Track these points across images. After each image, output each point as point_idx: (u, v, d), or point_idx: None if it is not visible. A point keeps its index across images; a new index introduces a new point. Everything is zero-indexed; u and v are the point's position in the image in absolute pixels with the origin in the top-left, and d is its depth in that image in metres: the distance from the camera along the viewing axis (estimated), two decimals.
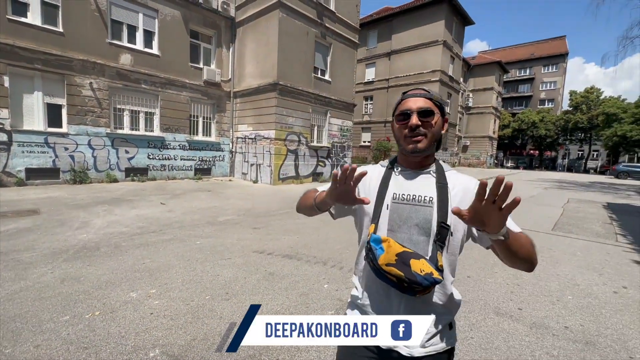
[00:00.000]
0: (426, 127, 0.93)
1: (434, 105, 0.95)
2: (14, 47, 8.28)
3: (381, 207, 0.96)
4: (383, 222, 0.96)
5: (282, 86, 11.49)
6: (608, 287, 3.45)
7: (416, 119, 0.92)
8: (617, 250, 4.92)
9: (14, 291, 2.77)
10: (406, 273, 0.81)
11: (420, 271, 0.81)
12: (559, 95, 49.53)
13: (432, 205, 0.93)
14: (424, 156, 0.98)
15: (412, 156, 0.97)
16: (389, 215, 0.95)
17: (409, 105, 0.95)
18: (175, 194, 8.62)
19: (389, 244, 0.86)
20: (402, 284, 0.83)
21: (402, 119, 0.95)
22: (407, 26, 23.37)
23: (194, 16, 12.01)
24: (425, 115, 0.93)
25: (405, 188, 0.97)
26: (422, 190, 0.95)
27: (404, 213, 0.94)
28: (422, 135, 0.93)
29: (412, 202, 0.95)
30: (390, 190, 0.98)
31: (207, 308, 2.65)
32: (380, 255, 0.85)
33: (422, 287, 0.81)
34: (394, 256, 0.84)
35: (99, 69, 9.81)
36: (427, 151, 0.96)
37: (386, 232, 0.95)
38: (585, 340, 2.40)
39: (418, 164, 1.00)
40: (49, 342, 2.09)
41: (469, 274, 3.68)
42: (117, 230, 4.85)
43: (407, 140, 0.95)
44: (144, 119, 11.16)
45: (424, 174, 0.99)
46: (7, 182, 8.36)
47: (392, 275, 0.83)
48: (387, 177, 1.01)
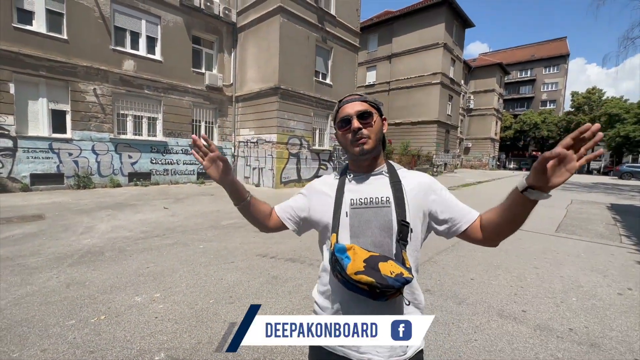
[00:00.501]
0: (367, 128, 0.95)
1: (370, 106, 0.97)
2: (19, 54, 8.41)
3: (339, 215, 0.95)
4: (344, 230, 0.95)
5: (283, 90, 11.56)
6: (612, 289, 3.43)
7: (357, 122, 0.94)
8: (622, 252, 4.89)
9: (21, 296, 2.79)
10: (377, 278, 0.79)
11: (391, 273, 0.80)
12: (560, 96, 49.43)
13: (389, 205, 0.93)
14: (373, 157, 1.00)
15: (362, 159, 0.98)
16: (349, 222, 0.95)
17: (347, 111, 0.97)
18: (178, 198, 8.67)
19: (355, 251, 0.85)
20: (374, 290, 0.80)
21: (344, 125, 0.97)
22: (408, 29, 23.48)
23: (196, 22, 12.14)
24: (365, 117, 0.95)
25: (361, 192, 0.97)
26: (377, 192, 0.96)
27: (364, 217, 0.94)
28: (365, 137, 0.95)
29: (370, 204, 0.95)
30: (347, 196, 0.98)
31: (211, 312, 2.67)
32: (347, 265, 0.82)
33: (394, 289, 0.80)
34: (362, 263, 0.82)
35: (102, 75, 9.92)
36: (374, 152, 0.98)
37: (349, 239, 0.94)
38: (590, 342, 2.39)
39: (369, 167, 1.01)
40: (56, 346, 2.11)
41: (472, 276, 3.68)
42: (121, 234, 4.88)
43: (353, 145, 0.96)
44: (147, 124, 11.26)
45: (377, 175, 1.00)
46: (12, 188, 8.44)
47: (363, 284, 0.80)
48: (342, 185, 1.00)
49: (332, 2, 13.40)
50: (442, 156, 24.70)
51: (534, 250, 4.77)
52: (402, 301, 0.90)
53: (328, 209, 0.98)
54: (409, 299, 0.93)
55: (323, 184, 1.07)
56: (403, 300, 0.90)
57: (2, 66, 8.22)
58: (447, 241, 5.06)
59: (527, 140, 46.10)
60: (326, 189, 1.04)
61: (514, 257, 4.44)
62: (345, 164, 1.09)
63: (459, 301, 3.02)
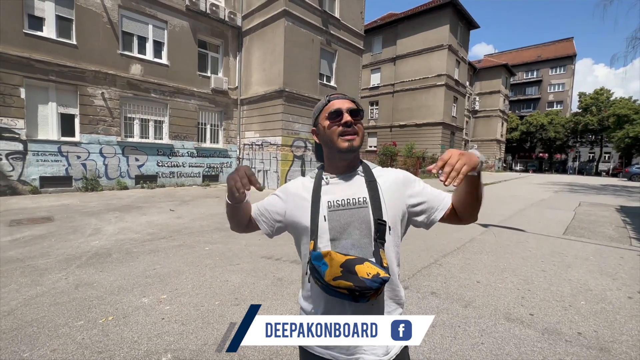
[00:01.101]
0: (357, 126, 0.96)
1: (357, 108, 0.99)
2: (30, 60, 8.59)
3: (317, 220, 0.94)
4: (324, 234, 0.93)
5: (288, 93, 11.63)
6: (622, 292, 3.37)
7: (349, 116, 0.94)
8: (632, 255, 4.81)
9: (30, 297, 2.84)
10: (354, 281, 0.80)
11: (367, 275, 0.80)
12: (567, 97, 48.90)
13: (367, 205, 0.93)
14: (353, 157, 0.99)
15: (346, 156, 0.97)
16: (329, 225, 0.93)
17: (339, 105, 0.97)
18: (184, 200, 8.74)
19: (331, 256, 0.84)
20: (353, 294, 0.81)
21: (335, 117, 0.96)
22: (412, 31, 23.49)
23: (201, 26, 12.29)
24: (355, 115, 0.96)
25: (338, 194, 0.96)
26: (355, 192, 0.95)
27: (343, 219, 0.93)
28: (355, 133, 0.95)
29: (348, 206, 0.94)
30: (324, 199, 0.95)
31: (217, 313, 2.68)
32: (325, 272, 0.83)
33: (372, 290, 0.80)
34: (339, 268, 0.82)
35: (110, 79, 10.08)
36: (358, 150, 0.98)
37: (329, 243, 0.92)
38: (600, 347, 2.35)
39: (346, 167, 1.00)
40: (65, 347, 2.14)
41: (479, 279, 3.65)
42: (128, 236, 4.94)
43: (342, 139, 0.94)
44: (154, 127, 11.40)
45: (353, 176, 1.00)
46: (22, 190, 8.60)
47: (342, 288, 0.81)
48: (318, 188, 0.98)
49: (336, 5, 13.47)
50: None
51: (541, 253, 4.71)
52: (383, 300, 0.92)
53: (305, 213, 0.96)
54: (390, 296, 0.93)
55: (299, 187, 1.03)
56: (384, 300, 0.91)
57: (14, 71, 8.40)
58: (453, 244, 5.05)
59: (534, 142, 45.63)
60: (303, 192, 1.00)
61: (521, 259, 4.39)
62: (320, 165, 1.07)
63: (465, 304, 3.00)
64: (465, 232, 5.81)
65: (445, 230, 5.92)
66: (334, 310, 0.91)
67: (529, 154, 49.48)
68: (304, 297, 1.01)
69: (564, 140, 43.19)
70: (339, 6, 13.54)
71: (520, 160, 49.69)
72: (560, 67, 49.04)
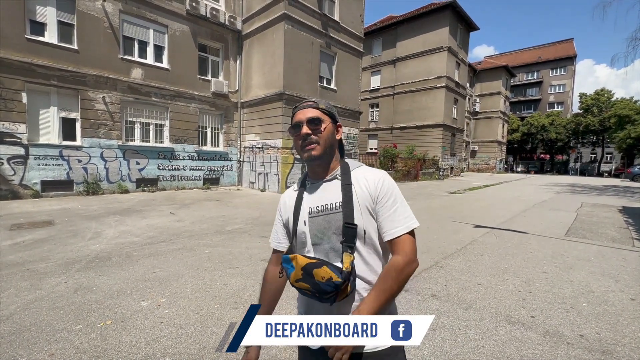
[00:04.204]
0: (317, 134, 0.96)
1: (322, 113, 0.98)
2: (32, 64, 8.65)
3: (296, 227, 1.00)
4: (306, 239, 0.99)
5: (288, 96, 11.66)
6: (625, 294, 3.34)
7: (306, 128, 0.96)
8: (634, 256, 4.77)
9: (30, 301, 2.84)
10: (311, 284, 0.85)
11: (322, 278, 0.84)
12: (568, 98, 48.87)
13: (341, 210, 0.94)
14: (326, 163, 1.01)
15: (311, 164, 1.00)
16: (309, 231, 0.98)
17: (299, 118, 0.98)
18: (185, 203, 8.75)
19: (297, 260, 0.90)
20: (314, 295, 0.87)
21: (295, 132, 0.99)
22: (412, 33, 23.57)
23: (202, 30, 12.36)
24: (315, 124, 0.96)
25: (317, 200, 0.99)
26: (331, 198, 0.97)
27: (321, 225, 0.96)
28: (314, 143, 0.96)
29: (325, 212, 0.97)
30: (306, 206, 1.01)
31: (216, 317, 2.67)
32: (290, 274, 0.91)
33: (328, 293, 0.84)
34: (300, 271, 0.88)
35: (111, 83, 10.13)
36: (324, 157, 0.98)
37: (311, 247, 0.98)
38: (602, 349, 2.33)
39: (324, 173, 1.02)
40: (63, 351, 2.13)
41: (479, 280, 3.62)
42: (128, 240, 4.94)
43: (303, 150, 0.98)
44: (154, 131, 11.44)
45: (331, 181, 1.01)
46: (23, 195, 8.62)
47: (305, 290, 0.88)
48: (300, 196, 1.04)
49: (335, 8, 13.53)
50: (448, 160, 24.53)
51: (542, 255, 4.68)
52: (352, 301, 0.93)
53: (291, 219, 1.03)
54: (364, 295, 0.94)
55: (288, 197, 1.10)
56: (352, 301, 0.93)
57: (15, 76, 8.46)
58: (454, 245, 5.02)
59: (535, 143, 45.56)
60: (290, 201, 1.07)
61: (522, 261, 4.36)
62: (305, 172, 1.11)
63: (465, 306, 2.97)
64: (466, 234, 5.78)
65: (445, 232, 5.90)
66: (312, 307, 0.99)
67: (530, 155, 49.39)
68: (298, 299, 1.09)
69: (565, 141, 43.10)
70: (339, 9, 13.60)
71: (521, 162, 49.59)
72: (561, 68, 49.07)
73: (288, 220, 1.07)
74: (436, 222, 6.83)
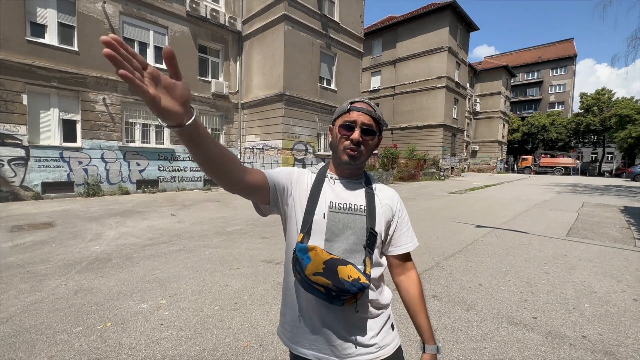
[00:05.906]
0: (365, 145, 0.94)
1: (376, 124, 0.95)
2: (32, 66, 8.66)
3: (312, 216, 0.92)
4: (320, 232, 0.92)
5: (288, 96, 11.66)
6: (627, 295, 3.32)
7: (358, 134, 0.92)
8: (636, 256, 4.75)
9: (30, 303, 2.83)
10: (334, 281, 0.79)
11: (348, 277, 0.80)
12: (569, 98, 48.81)
13: (364, 214, 0.94)
14: (358, 168, 1.00)
15: (344, 166, 0.97)
16: (327, 225, 0.92)
17: (354, 118, 0.93)
18: (185, 204, 8.74)
19: (316, 252, 0.83)
20: (330, 293, 0.81)
21: (345, 130, 0.93)
22: (412, 34, 23.57)
23: (202, 32, 12.38)
24: (367, 134, 0.93)
25: (342, 197, 0.96)
26: (356, 199, 0.96)
27: (342, 222, 0.93)
28: (359, 151, 0.93)
29: (348, 211, 0.94)
30: (327, 198, 0.95)
31: (216, 318, 2.66)
32: (307, 265, 0.82)
33: (350, 294, 0.80)
34: (322, 264, 0.81)
35: (111, 85, 10.15)
36: (360, 165, 0.98)
37: (323, 242, 0.91)
38: (605, 351, 2.31)
39: (351, 173, 1.01)
40: (63, 353, 2.13)
41: (481, 281, 3.61)
42: (129, 241, 4.93)
43: (345, 152, 0.93)
44: (155, 132, 11.45)
45: (357, 183, 1.00)
46: (24, 196, 8.63)
47: (320, 285, 0.81)
48: (319, 185, 0.97)
49: (335, 9, 13.55)
50: (449, 160, 24.51)
51: (544, 255, 4.66)
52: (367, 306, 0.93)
53: (303, 203, 0.94)
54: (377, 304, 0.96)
55: (308, 177, 1.00)
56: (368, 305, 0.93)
57: (16, 78, 8.47)
58: (455, 246, 5.01)
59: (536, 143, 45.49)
60: (308, 182, 0.98)
61: (524, 261, 4.34)
62: (325, 164, 1.06)
63: (467, 307, 2.96)
64: (467, 235, 5.76)
65: (446, 232, 5.88)
66: (310, 307, 0.92)
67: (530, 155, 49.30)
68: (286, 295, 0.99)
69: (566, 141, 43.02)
70: (339, 10, 13.61)
71: None
72: (561, 68, 49.01)
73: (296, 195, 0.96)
74: (437, 223, 6.81)
